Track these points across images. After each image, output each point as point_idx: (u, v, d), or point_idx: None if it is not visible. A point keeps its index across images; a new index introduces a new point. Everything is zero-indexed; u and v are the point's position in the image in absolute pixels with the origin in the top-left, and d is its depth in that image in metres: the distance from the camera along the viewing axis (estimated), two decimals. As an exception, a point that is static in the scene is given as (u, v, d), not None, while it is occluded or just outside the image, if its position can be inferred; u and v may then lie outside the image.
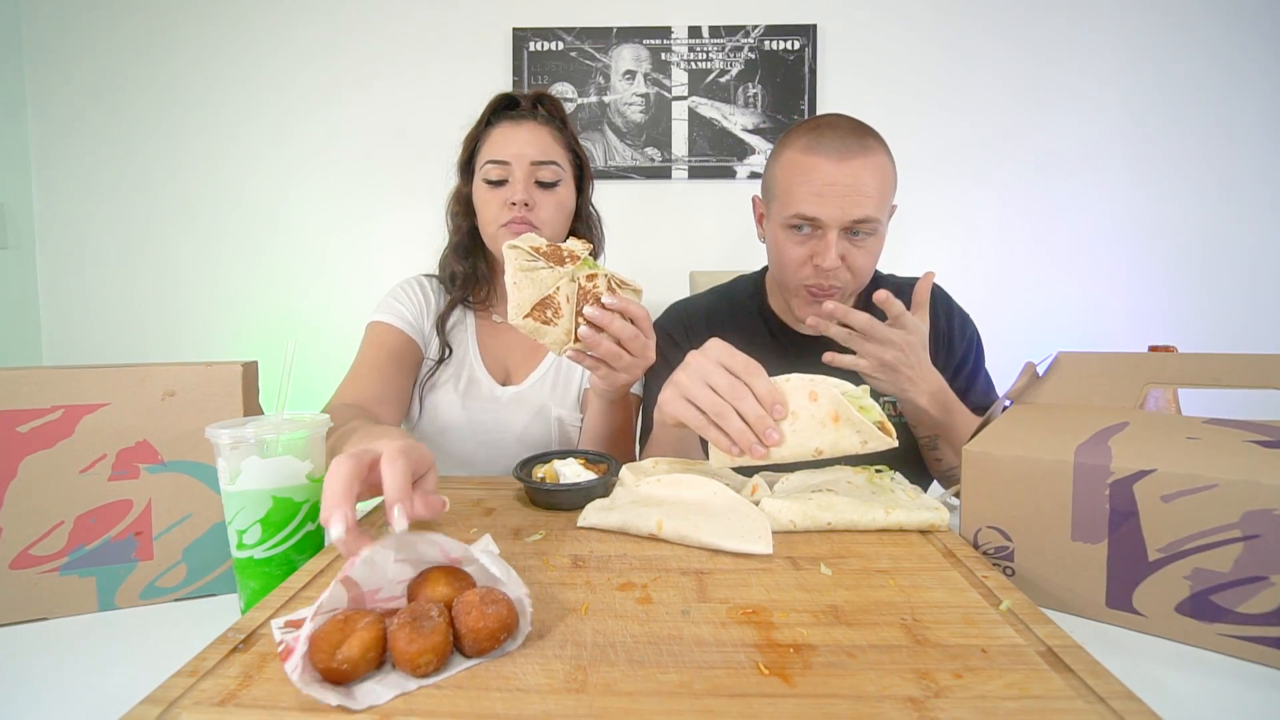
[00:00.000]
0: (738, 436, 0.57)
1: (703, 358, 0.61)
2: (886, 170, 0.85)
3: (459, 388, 0.97)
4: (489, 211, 0.94)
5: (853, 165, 0.81)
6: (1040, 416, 0.58)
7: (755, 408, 0.57)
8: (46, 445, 0.50)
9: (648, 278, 1.72)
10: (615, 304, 0.67)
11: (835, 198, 0.81)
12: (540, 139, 0.95)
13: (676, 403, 0.61)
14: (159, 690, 0.33)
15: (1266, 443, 0.47)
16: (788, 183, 0.85)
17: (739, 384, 0.58)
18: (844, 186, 0.81)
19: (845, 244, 0.83)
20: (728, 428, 0.58)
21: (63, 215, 1.74)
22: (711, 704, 0.32)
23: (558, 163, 0.96)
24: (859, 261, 0.85)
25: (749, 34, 1.68)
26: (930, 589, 0.45)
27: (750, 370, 0.59)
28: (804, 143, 0.85)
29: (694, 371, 0.60)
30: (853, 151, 0.82)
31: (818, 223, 0.82)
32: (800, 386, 0.58)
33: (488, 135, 0.97)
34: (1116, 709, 0.31)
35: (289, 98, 1.72)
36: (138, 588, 0.53)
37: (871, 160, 0.82)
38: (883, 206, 0.84)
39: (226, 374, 0.55)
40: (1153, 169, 1.67)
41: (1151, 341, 1.29)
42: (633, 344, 0.69)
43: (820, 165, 0.82)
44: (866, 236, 0.84)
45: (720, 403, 0.58)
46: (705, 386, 0.59)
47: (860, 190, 0.81)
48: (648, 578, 0.47)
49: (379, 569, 0.40)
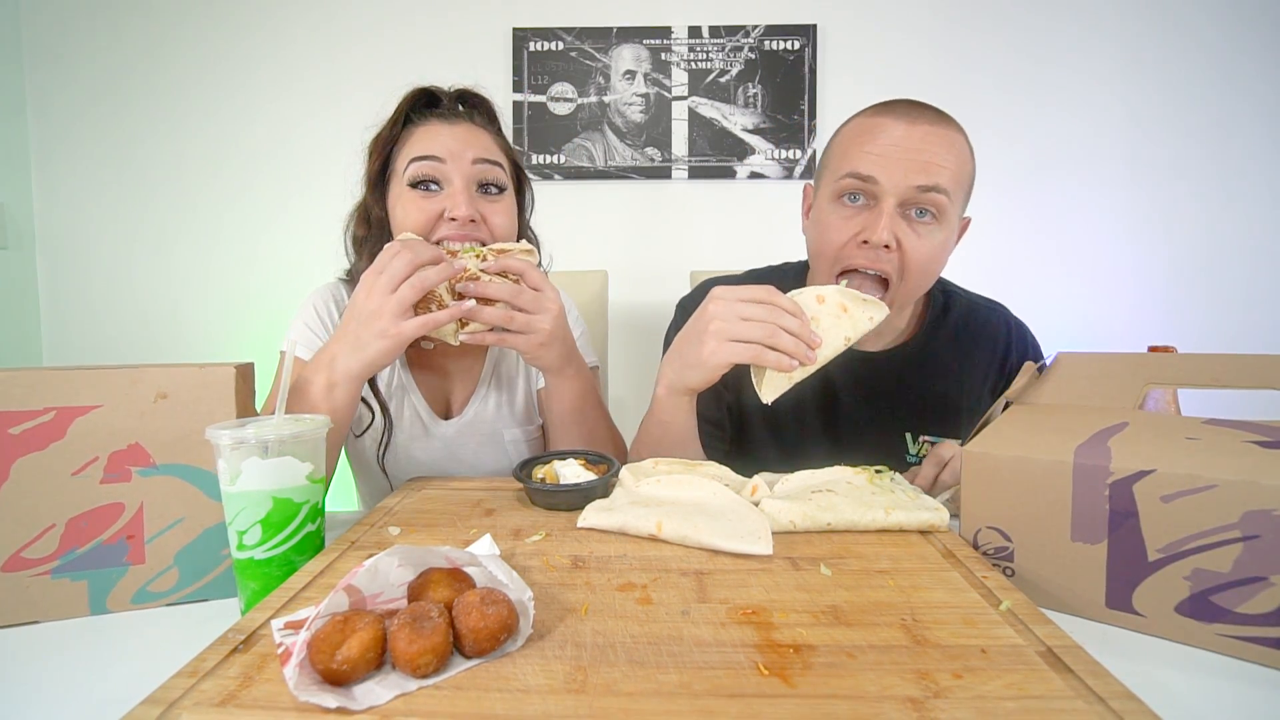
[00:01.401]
0: (792, 350, 0.61)
1: (721, 302, 0.64)
2: (964, 154, 0.73)
3: (402, 426, 0.87)
4: (418, 223, 0.76)
5: (927, 129, 0.70)
6: (1040, 417, 0.59)
7: (793, 320, 0.62)
8: (39, 447, 0.50)
9: (648, 278, 1.74)
10: (488, 266, 0.68)
11: (901, 158, 0.69)
12: (479, 137, 0.80)
13: (725, 346, 0.64)
14: (159, 691, 0.33)
15: (1266, 443, 0.47)
16: (846, 145, 0.74)
17: (769, 307, 0.62)
18: (911, 149, 0.69)
19: (903, 224, 0.70)
20: (781, 346, 0.62)
21: (63, 215, 1.74)
22: (711, 704, 0.32)
23: (502, 165, 0.80)
24: (916, 249, 0.70)
25: (749, 34, 1.68)
26: (930, 589, 0.45)
27: (771, 293, 0.63)
28: (873, 109, 0.75)
29: (725, 313, 0.64)
30: (928, 118, 0.71)
31: (873, 186, 0.70)
32: (807, 293, 0.65)
33: (408, 134, 0.79)
34: (1116, 709, 0.31)
35: (289, 98, 1.72)
36: (129, 592, 0.52)
37: (948, 134, 0.71)
38: (955, 185, 0.71)
39: (220, 376, 0.54)
40: (1152, 169, 1.67)
41: (1151, 342, 1.29)
42: (518, 299, 0.68)
43: (887, 125, 0.71)
44: (931, 221, 0.71)
45: (766, 326, 0.62)
46: (742, 321, 0.62)
47: (932, 157, 0.69)
48: (648, 578, 0.47)
49: (381, 575, 0.40)
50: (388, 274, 0.65)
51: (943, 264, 0.75)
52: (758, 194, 1.70)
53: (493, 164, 0.79)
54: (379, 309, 0.64)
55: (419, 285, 0.64)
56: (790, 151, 1.68)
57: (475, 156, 0.77)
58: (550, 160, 1.71)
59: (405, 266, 0.65)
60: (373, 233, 0.82)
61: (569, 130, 1.70)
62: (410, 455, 0.88)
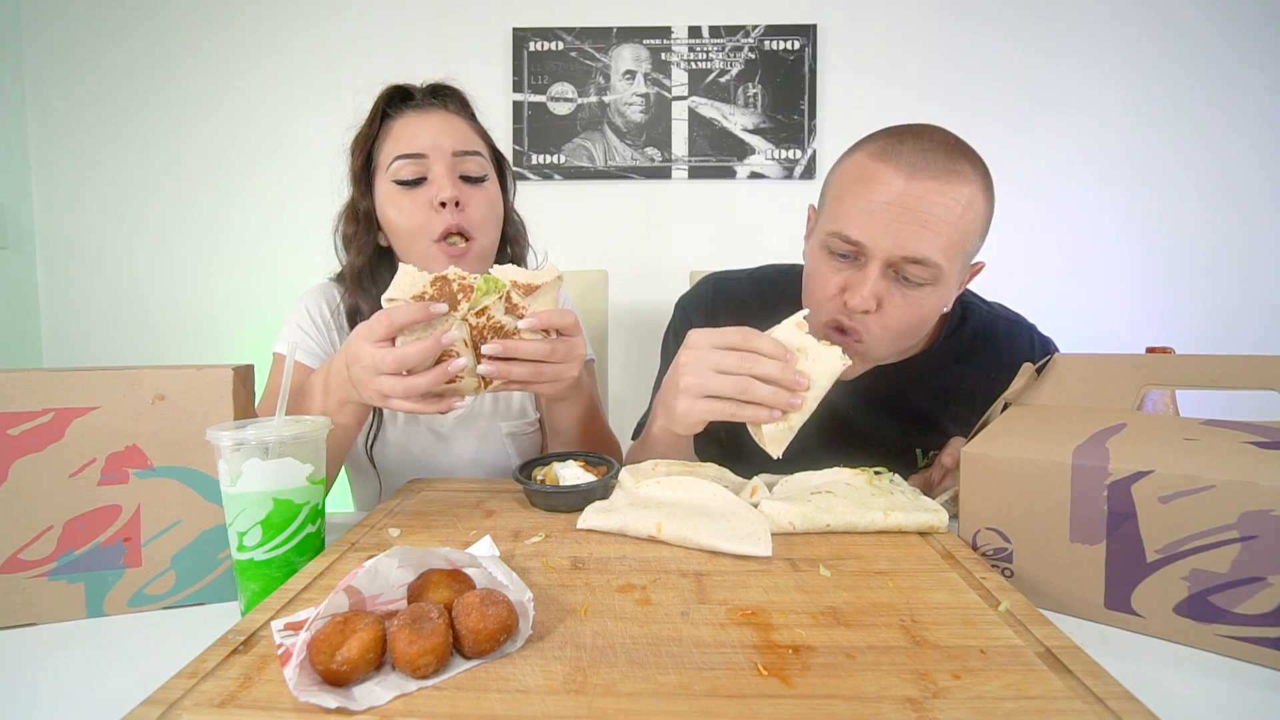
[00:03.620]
0: (772, 401, 0.55)
1: (694, 351, 0.58)
2: (973, 207, 0.66)
3: (398, 425, 0.88)
4: (411, 219, 0.78)
5: (925, 186, 0.63)
6: (1038, 418, 0.59)
7: (771, 365, 0.55)
8: (37, 449, 0.50)
9: (648, 278, 1.74)
10: (529, 324, 0.59)
11: (890, 221, 0.64)
12: (456, 127, 0.81)
13: (696, 404, 0.58)
14: (159, 691, 0.33)
15: (1264, 444, 0.47)
16: (840, 191, 0.70)
17: (743, 354, 0.56)
18: (905, 211, 0.63)
19: (888, 285, 0.66)
20: (758, 398, 0.55)
21: (63, 215, 1.74)
22: (711, 705, 0.32)
23: (481, 154, 0.82)
24: (897, 315, 0.67)
25: (749, 34, 1.68)
26: (929, 590, 0.45)
27: (747, 337, 0.57)
28: (878, 146, 0.67)
29: (696, 365, 0.58)
30: (932, 170, 0.64)
31: (860, 249, 0.66)
32: (787, 326, 0.59)
33: (387, 131, 0.81)
34: (1115, 710, 0.31)
35: (289, 97, 1.72)
36: (126, 595, 0.52)
37: (952, 188, 0.64)
38: (952, 252, 0.65)
39: (217, 377, 0.54)
40: (1152, 169, 1.67)
41: (1149, 342, 1.29)
42: (552, 355, 0.61)
43: (884, 176, 0.65)
44: (918, 286, 0.66)
45: (738, 379, 0.56)
46: (714, 374, 0.56)
47: (925, 220, 0.63)
48: (647, 579, 0.47)
49: (381, 576, 0.40)
50: (394, 357, 0.57)
51: (934, 319, 0.71)
52: (758, 194, 1.70)
53: (472, 154, 0.81)
54: (376, 388, 0.59)
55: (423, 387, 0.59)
56: (790, 151, 1.68)
57: (454, 149, 0.79)
58: (550, 160, 1.71)
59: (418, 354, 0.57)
60: (361, 228, 0.84)
61: (569, 130, 1.70)
62: (407, 450, 0.89)
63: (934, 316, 0.70)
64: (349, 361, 0.61)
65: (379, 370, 0.58)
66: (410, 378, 0.58)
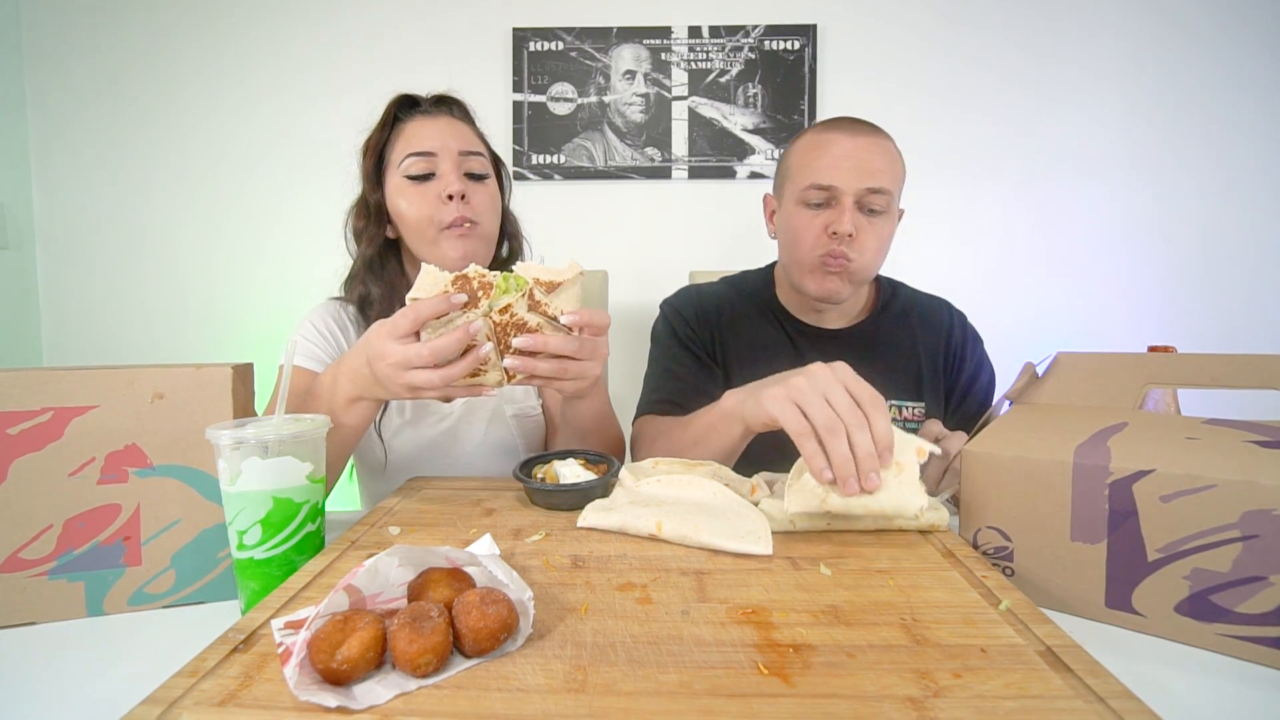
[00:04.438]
0: (839, 464, 0.52)
1: (830, 373, 0.56)
2: (897, 159, 0.88)
3: (405, 415, 0.92)
4: (420, 209, 0.84)
5: (866, 140, 0.85)
6: (1040, 417, 0.59)
7: (868, 442, 0.52)
8: (36, 448, 0.50)
9: (648, 278, 1.74)
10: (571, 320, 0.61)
11: (851, 167, 0.84)
12: (461, 130, 0.89)
13: (784, 404, 0.56)
14: (159, 690, 0.33)
15: (1265, 443, 0.47)
16: (803, 159, 0.89)
17: (859, 411, 0.53)
18: (860, 159, 0.84)
19: (859, 218, 0.85)
20: (832, 450, 0.52)
21: (63, 215, 1.74)
22: (711, 704, 0.32)
23: (483, 154, 0.90)
24: (870, 240, 0.86)
25: (749, 34, 1.68)
26: (930, 589, 0.45)
27: (875, 403, 0.54)
28: (820, 126, 0.90)
29: (816, 381, 0.55)
30: (866, 131, 0.87)
31: (834, 192, 0.85)
32: (908, 441, 0.54)
33: (398, 133, 0.88)
34: (1115, 709, 0.31)
35: (289, 97, 1.72)
36: (126, 594, 0.52)
37: (884, 143, 0.87)
38: (895, 186, 0.86)
39: (216, 376, 0.53)
40: (1154, 168, 1.67)
41: (1151, 341, 1.29)
42: (579, 353, 0.62)
43: (837, 139, 0.86)
44: (879, 215, 0.86)
45: (836, 420, 0.53)
46: (823, 400, 0.54)
47: (874, 164, 0.84)
48: (647, 578, 0.47)
49: (381, 575, 0.40)
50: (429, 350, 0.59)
51: (886, 252, 0.91)
52: (758, 194, 1.67)
53: (475, 154, 0.88)
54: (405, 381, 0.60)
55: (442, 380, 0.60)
56: (790, 151, 1.68)
57: (460, 149, 0.86)
58: (550, 160, 1.71)
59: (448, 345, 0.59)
60: (371, 222, 0.90)
61: (569, 130, 1.70)
62: (415, 428, 0.92)
63: (889, 245, 0.90)
64: (371, 359, 0.62)
65: (410, 365, 0.59)
66: (443, 368, 0.59)
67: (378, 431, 0.89)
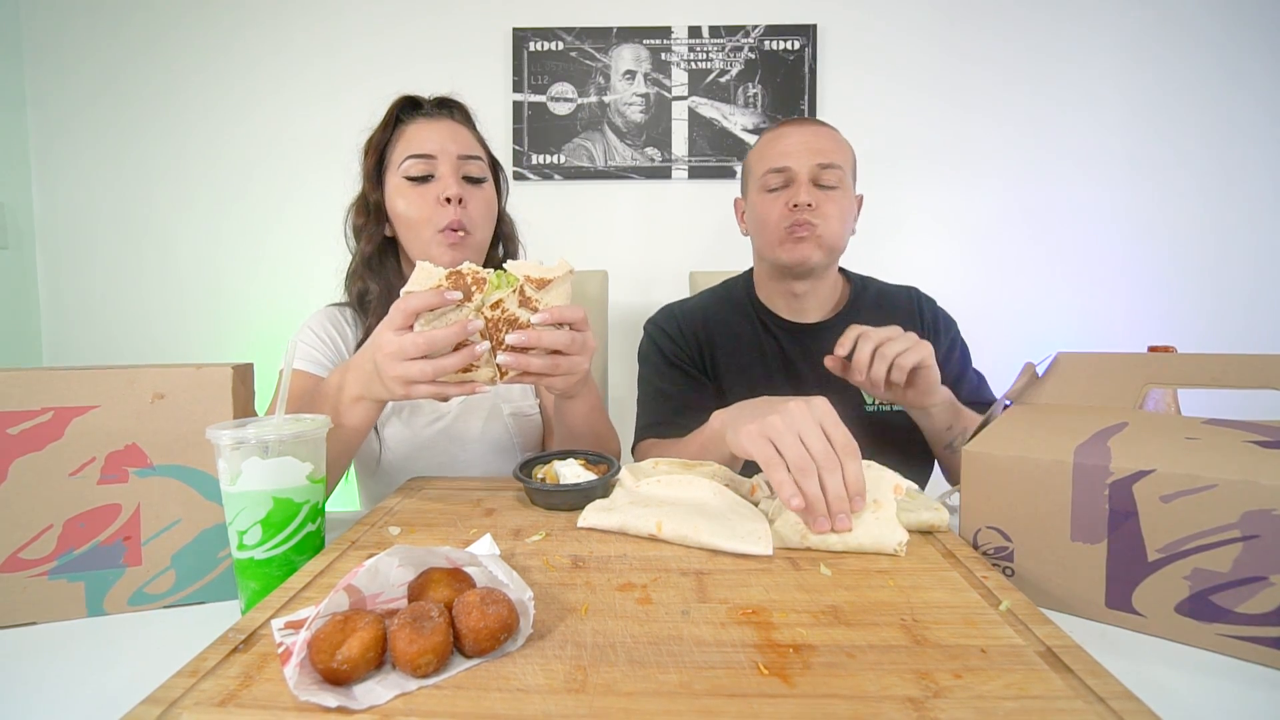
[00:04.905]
0: (811, 498, 0.52)
1: (807, 410, 0.56)
2: (844, 145, 0.97)
3: (401, 414, 0.92)
4: (418, 211, 0.85)
5: (813, 128, 0.96)
6: (1040, 417, 0.59)
7: (839, 485, 0.53)
8: (36, 448, 0.50)
9: (647, 278, 1.74)
10: (542, 318, 0.62)
11: (801, 150, 0.94)
12: (461, 134, 0.90)
13: (757, 440, 0.56)
14: (159, 690, 0.33)
15: (1265, 443, 0.47)
16: (759, 155, 0.99)
17: (833, 455, 0.54)
18: (808, 142, 0.94)
19: (816, 192, 0.93)
20: (804, 486, 0.53)
21: (63, 215, 1.74)
22: (711, 704, 0.32)
23: (481, 158, 0.91)
24: (831, 209, 0.93)
25: (749, 34, 1.68)
26: (930, 589, 0.45)
27: (849, 450, 0.54)
28: (770, 127, 1.03)
29: (792, 419, 0.56)
30: (812, 123, 0.98)
31: (789, 173, 0.94)
32: (886, 479, 0.56)
33: (399, 134, 0.89)
34: (1116, 709, 0.31)
35: (289, 97, 1.72)
36: (126, 594, 0.52)
37: (830, 131, 0.97)
38: (844, 161, 0.95)
39: (217, 376, 0.53)
40: (1154, 168, 1.67)
41: (1151, 341, 1.28)
42: (569, 347, 0.63)
43: (787, 132, 0.97)
44: (833, 189, 0.93)
45: (807, 460, 0.53)
46: (797, 439, 0.55)
47: (822, 145, 0.94)
48: (648, 578, 0.47)
49: (381, 575, 0.40)
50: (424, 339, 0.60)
51: (849, 225, 0.97)
52: (758, 194, 1.70)
53: (474, 158, 0.89)
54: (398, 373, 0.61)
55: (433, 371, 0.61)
56: (790, 151, 1.68)
57: (459, 153, 0.87)
58: (550, 160, 1.71)
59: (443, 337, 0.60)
60: (370, 220, 0.91)
61: (569, 130, 1.70)
62: (412, 428, 0.92)
63: (848, 219, 0.96)
64: (372, 351, 0.63)
65: (405, 354, 0.60)
66: (437, 359, 0.60)
67: (375, 426, 0.89)
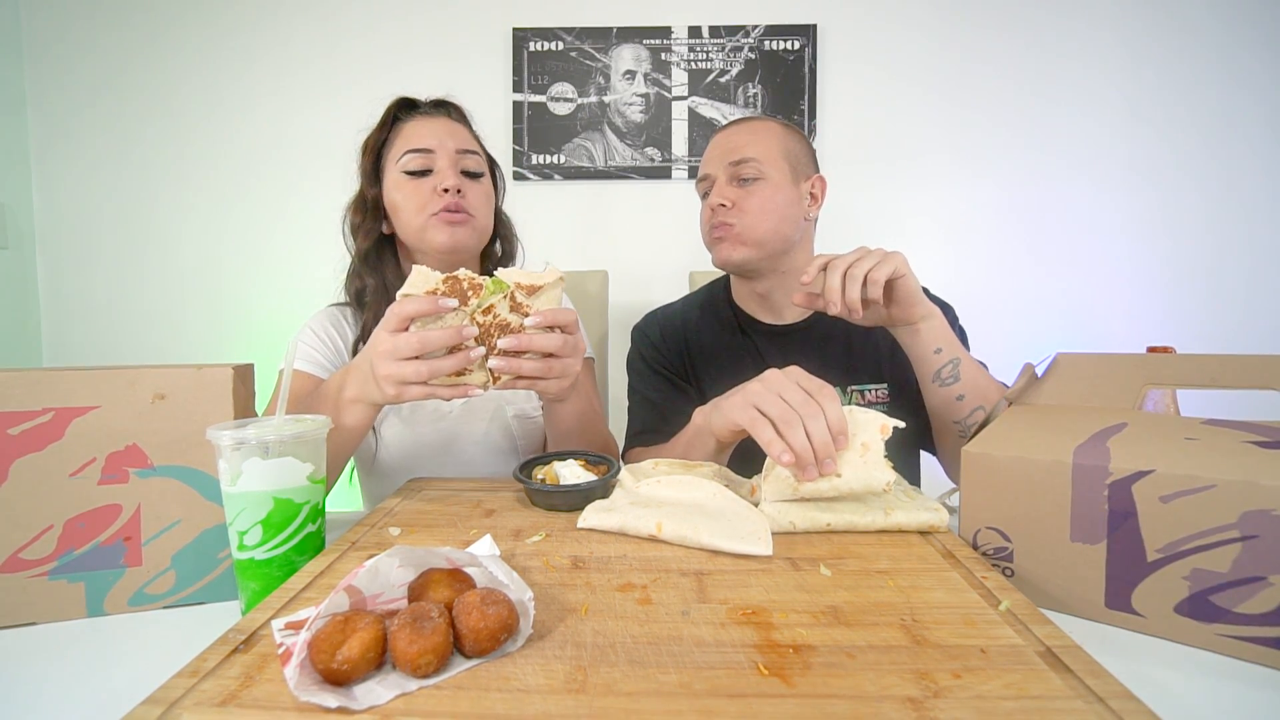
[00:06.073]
0: (799, 450, 0.55)
1: (781, 374, 0.61)
2: (774, 132, 0.95)
3: (402, 414, 0.91)
4: (415, 202, 0.85)
5: (734, 128, 0.96)
6: (1039, 417, 0.59)
7: (823, 430, 0.56)
8: (37, 448, 0.50)
9: (647, 278, 1.74)
10: (535, 321, 0.63)
11: (718, 154, 0.95)
12: (458, 131, 0.91)
13: (743, 409, 0.61)
14: (160, 691, 0.33)
15: (1265, 443, 0.47)
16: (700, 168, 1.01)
17: (812, 402, 0.58)
18: (721, 144, 0.96)
19: (733, 190, 0.93)
20: (791, 439, 0.56)
21: (63, 214, 1.74)
22: (711, 704, 0.32)
23: (479, 154, 0.92)
24: (749, 203, 0.93)
25: (749, 34, 1.68)
26: (929, 590, 0.45)
27: (825, 393, 0.58)
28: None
29: (769, 384, 0.61)
30: (738, 122, 0.98)
31: (710, 179, 0.96)
32: (871, 420, 0.58)
33: (397, 132, 0.90)
34: (1115, 709, 0.31)
35: (289, 97, 1.72)
36: (126, 594, 0.52)
37: (755, 124, 0.96)
38: (765, 153, 0.93)
39: (217, 377, 0.53)
40: (1154, 168, 1.67)
41: (1150, 342, 1.28)
42: (561, 350, 0.65)
43: (713, 140, 0.98)
44: (753, 181, 0.93)
45: (790, 412, 0.57)
46: (778, 398, 0.59)
47: (737, 142, 0.94)
48: (648, 579, 0.47)
49: (381, 576, 0.40)
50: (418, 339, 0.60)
51: (780, 212, 0.93)
52: (757, 194, 1.70)
53: (471, 153, 0.90)
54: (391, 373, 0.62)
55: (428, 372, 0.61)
56: (790, 151, 1.68)
57: (457, 147, 0.88)
58: (550, 160, 1.71)
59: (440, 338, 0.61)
60: (368, 217, 0.92)
61: (569, 130, 1.70)
62: (413, 427, 0.91)
63: (783, 210, 0.93)
64: (370, 351, 0.64)
65: (398, 354, 0.60)
66: (431, 361, 0.61)
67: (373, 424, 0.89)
